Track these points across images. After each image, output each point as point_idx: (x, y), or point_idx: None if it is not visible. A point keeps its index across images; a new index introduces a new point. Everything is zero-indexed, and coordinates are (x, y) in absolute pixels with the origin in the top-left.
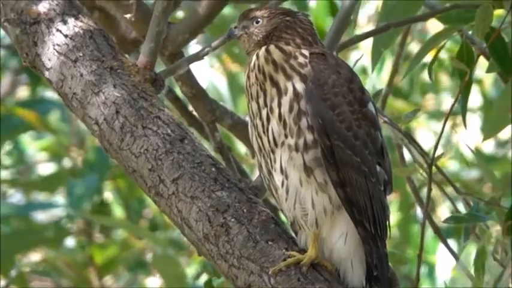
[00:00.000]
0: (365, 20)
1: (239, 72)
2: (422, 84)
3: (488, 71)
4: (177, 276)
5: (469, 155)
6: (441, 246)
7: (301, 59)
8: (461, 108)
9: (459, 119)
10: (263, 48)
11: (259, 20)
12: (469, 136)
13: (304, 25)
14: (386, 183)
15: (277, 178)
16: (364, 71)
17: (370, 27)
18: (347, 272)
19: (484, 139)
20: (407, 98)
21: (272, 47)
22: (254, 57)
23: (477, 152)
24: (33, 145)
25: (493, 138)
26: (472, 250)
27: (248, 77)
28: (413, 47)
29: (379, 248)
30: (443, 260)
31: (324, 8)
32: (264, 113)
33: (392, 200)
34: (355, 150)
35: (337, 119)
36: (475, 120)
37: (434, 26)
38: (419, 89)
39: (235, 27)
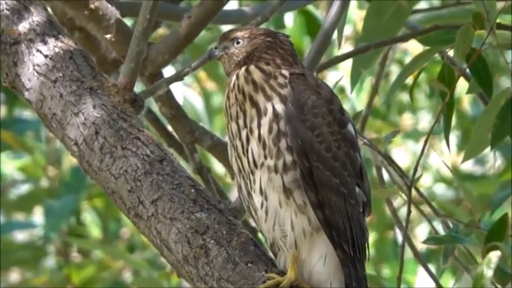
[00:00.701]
0: (343, 40)
1: (216, 92)
2: (399, 104)
3: (469, 91)
4: None
5: (445, 172)
6: (421, 269)
7: (281, 80)
8: (444, 130)
9: (436, 138)
10: (243, 68)
11: (239, 40)
12: (446, 155)
13: (284, 46)
14: (365, 204)
15: (257, 199)
16: (342, 91)
17: (348, 47)
18: None
19: (464, 160)
20: (386, 118)
21: (252, 67)
22: (234, 77)
23: (455, 172)
24: (9, 165)
25: None
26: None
27: (228, 97)
28: (392, 67)
29: (357, 270)
30: (422, 283)
31: (300, 28)
32: (243, 133)
33: (370, 222)
34: (334, 171)
35: (317, 140)
36: (451, 138)
37: (413, 46)
38: (397, 108)
39: (216, 48)
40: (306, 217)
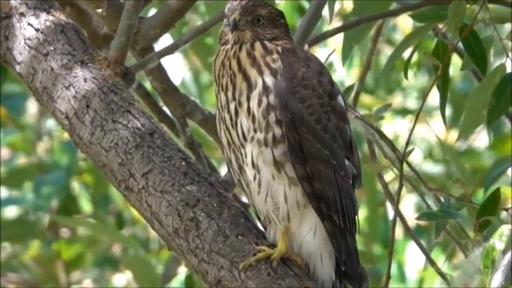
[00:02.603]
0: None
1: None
2: (388, 83)
3: (463, 68)
4: (149, 276)
5: (435, 149)
6: (410, 245)
7: (274, 55)
8: (440, 105)
9: (425, 115)
10: (248, 43)
11: (260, 19)
12: (434, 130)
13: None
14: (355, 177)
15: (249, 172)
16: (331, 66)
17: (337, 22)
18: (316, 267)
19: (459, 137)
20: (375, 94)
21: (258, 44)
22: (236, 47)
23: (447, 147)
24: None
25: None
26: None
27: (222, 64)
28: (382, 44)
29: (347, 242)
30: (412, 259)
31: (291, 6)
32: (232, 106)
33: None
34: (324, 143)
35: (307, 111)
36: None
37: (404, 22)
38: (386, 86)
39: (239, 20)
40: (300, 188)
